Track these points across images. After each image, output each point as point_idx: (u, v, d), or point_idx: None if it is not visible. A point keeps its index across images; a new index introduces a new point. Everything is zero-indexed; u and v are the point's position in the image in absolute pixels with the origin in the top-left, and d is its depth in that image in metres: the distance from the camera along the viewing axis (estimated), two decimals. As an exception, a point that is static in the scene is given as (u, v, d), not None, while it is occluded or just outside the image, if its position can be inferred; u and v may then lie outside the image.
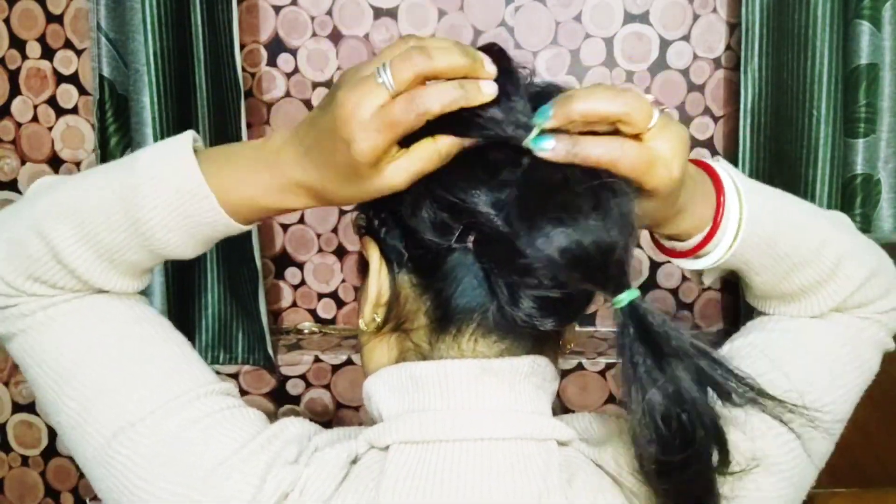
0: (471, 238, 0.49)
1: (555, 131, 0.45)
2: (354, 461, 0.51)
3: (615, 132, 0.46)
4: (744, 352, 0.57)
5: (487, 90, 0.45)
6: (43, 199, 0.53)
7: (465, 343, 0.51)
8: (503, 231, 0.47)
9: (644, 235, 0.48)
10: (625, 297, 0.45)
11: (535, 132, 0.45)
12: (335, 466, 0.49)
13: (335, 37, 1.24)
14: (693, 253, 0.55)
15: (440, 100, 0.44)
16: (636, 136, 0.45)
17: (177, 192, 0.50)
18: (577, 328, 1.31)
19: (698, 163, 0.55)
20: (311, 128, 0.48)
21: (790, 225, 0.57)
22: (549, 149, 0.45)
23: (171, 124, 1.09)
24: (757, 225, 0.53)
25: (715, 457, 0.46)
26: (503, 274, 0.48)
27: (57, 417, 0.53)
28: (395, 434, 0.50)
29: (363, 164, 0.45)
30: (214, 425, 0.51)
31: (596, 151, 0.44)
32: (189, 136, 0.53)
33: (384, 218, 0.53)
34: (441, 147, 0.46)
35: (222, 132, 1.16)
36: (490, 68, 0.46)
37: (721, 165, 0.55)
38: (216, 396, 0.53)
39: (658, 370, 0.44)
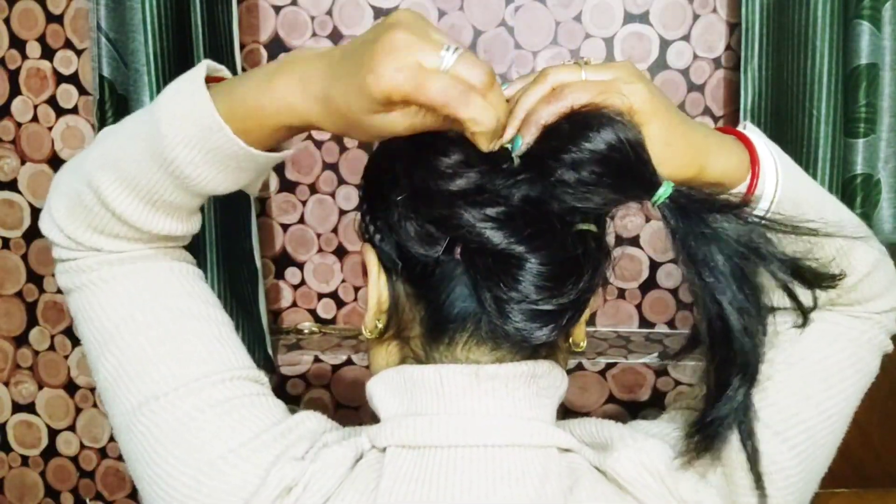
0: (457, 249, 0.49)
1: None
2: (360, 458, 0.51)
3: None
4: None
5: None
6: (93, 150, 0.54)
7: (459, 352, 0.51)
8: (490, 242, 0.47)
9: (644, 235, 0.48)
10: (664, 190, 0.46)
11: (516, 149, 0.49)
12: (340, 464, 0.49)
13: (335, 37, 1.24)
14: None
15: (475, 115, 0.43)
16: None
17: (194, 127, 0.49)
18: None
19: (723, 129, 0.56)
20: (353, 44, 0.47)
21: (815, 192, 0.58)
22: (521, 144, 0.47)
23: (171, 124, 1.08)
24: (789, 181, 0.54)
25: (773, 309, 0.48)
26: (490, 286, 0.48)
27: (96, 376, 0.55)
28: (391, 437, 0.50)
29: (372, 96, 0.44)
30: (231, 411, 0.51)
31: (553, 109, 0.47)
32: (203, 67, 0.52)
33: (379, 226, 0.53)
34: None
35: (222, 132, 1.16)
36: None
37: (750, 130, 0.56)
38: (241, 382, 0.53)
39: (723, 230, 0.45)
